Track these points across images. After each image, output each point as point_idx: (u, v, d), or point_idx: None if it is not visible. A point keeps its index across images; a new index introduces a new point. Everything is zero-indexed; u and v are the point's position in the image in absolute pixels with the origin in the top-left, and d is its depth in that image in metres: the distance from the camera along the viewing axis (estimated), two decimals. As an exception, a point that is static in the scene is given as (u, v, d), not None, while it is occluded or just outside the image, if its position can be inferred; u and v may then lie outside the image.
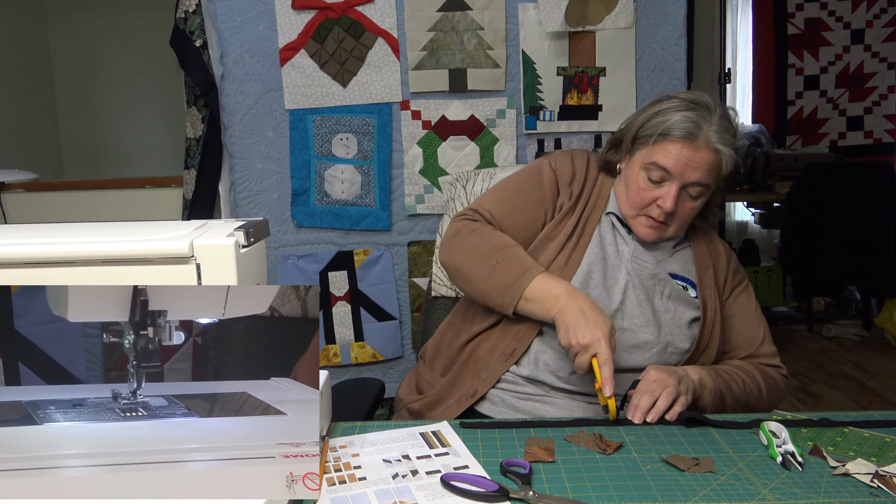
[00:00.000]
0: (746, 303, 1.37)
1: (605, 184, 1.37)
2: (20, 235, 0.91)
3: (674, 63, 1.98)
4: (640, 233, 1.29)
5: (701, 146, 1.21)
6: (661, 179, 1.24)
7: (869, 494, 0.85)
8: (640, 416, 1.08)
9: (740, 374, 1.26)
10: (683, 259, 1.35)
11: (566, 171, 1.36)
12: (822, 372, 3.39)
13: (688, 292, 1.31)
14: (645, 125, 1.27)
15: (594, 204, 1.34)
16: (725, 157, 1.23)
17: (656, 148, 1.24)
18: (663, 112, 1.25)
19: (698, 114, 1.22)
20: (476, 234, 1.26)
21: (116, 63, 4.38)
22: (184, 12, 1.96)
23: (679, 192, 1.23)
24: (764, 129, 4.27)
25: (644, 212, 1.27)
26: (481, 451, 0.98)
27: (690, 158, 1.21)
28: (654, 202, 1.25)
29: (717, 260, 1.37)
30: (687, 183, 1.23)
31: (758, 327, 1.35)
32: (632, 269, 1.28)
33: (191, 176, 2.07)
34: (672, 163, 1.22)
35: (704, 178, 1.23)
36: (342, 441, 1.01)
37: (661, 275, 1.29)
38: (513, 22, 1.96)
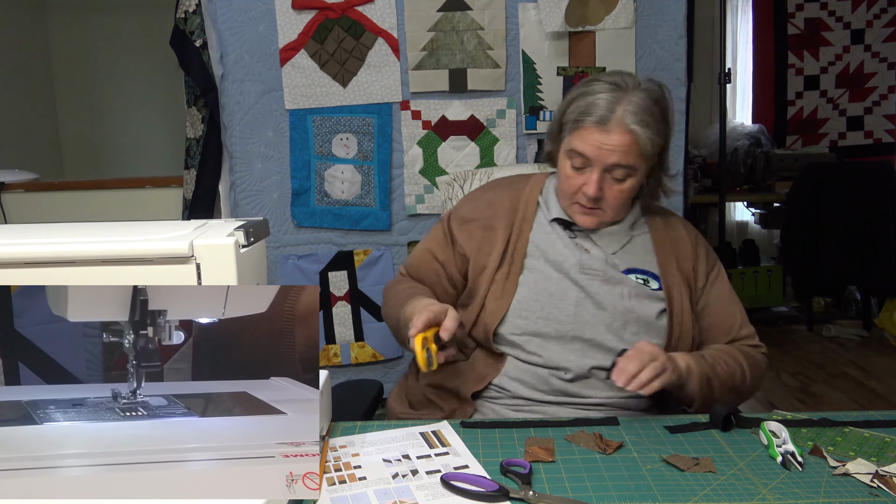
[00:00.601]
0: (721, 288, 1.34)
1: (531, 201, 1.36)
2: (20, 235, 0.91)
3: (674, 63, 1.98)
4: (578, 220, 1.28)
5: (613, 129, 1.19)
6: (582, 166, 1.23)
7: (869, 494, 0.85)
8: (625, 378, 1.06)
9: (724, 356, 1.24)
10: (642, 249, 1.32)
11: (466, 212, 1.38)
12: (822, 372, 3.39)
13: (649, 285, 1.28)
14: (566, 113, 1.26)
15: (520, 227, 1.33)
16: (641, 137, 1.20)
17: (574, 135, 1.23)
18: (580, 97, 1.24)
19: (614, 95, 1.21)
20: (386, 293, 1.40)
21: (116, 63, 4.38)
22: (184, 12, 1.96)
23: (602, 177, 1.22)
24: (764, 129, 4.27)
25: (575, 199, 1.26)
26: (481, 451, 0.98)
27: (603, 142, 1.20)
28: (580, 189, 1.24)
29: (682, 246, 1.34)
30: (607, 166, 1.21)
31: (734, 311, 1.33)
32: (581, 279, 1.26)
33: (191, 176, 2.07)
34: (588, 148, 1.21)
35: (624, 160, 1.21)
36: (342, 441, 1.01)
37: (615, 277, 1.26)
38: (513, 22, 1.96)
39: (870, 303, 3.99)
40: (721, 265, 1.38)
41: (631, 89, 1.21)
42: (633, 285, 1.26)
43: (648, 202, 1.36)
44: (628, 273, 1.28)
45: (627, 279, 1.26)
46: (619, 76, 1.25)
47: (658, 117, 1.22)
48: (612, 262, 1.28)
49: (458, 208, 1.42)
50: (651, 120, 1.21)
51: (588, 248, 1.29)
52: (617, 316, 1.23)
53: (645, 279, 1.28)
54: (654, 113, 1.22)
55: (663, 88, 1.26)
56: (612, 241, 1.31)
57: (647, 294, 1.26)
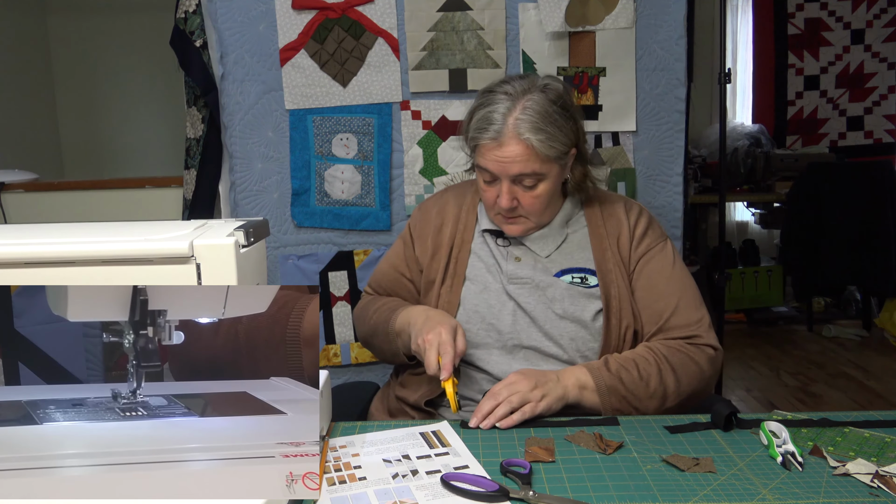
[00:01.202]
0: (656, 269, 1.26)
1: (472, 209, 1.36)
2: (20, 235, 0.91)
3: (674, 63, 1.97)
4: (505, 230, 1.28)
5: (507, 141, 1.17)
6: (492, 179, 1.23)
7: (869, 494, 0.85)
8: (475, 420, 1.06)
9: (637, 359, 1.16)
10: (577, 247, 1.30)
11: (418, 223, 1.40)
12: (822, 372, 3.39)
13: (587, 283, 1.26)
14: (468, 128, 1.25)
15: (462, 237, 1.33)
16: (535, 145, 1.16)
17: (477, 151, 1.23)
18: (479, 108, 1.22)
19: (505, 105, 1.18)
20: (360, 314, 1.41)
21: (116, 63, 4.38)
22: (184, 12, 1.96)
23: (512, 188, 1.21)
24: (764, 129, 4.27)
25: (496, 210, 1.26)
26: (481, 451, 0.98)
27: (502, 156, 1.18)
28: (496, 201, 1.23)
29: (619, 232, 1.30)
30: (513, 177, 1.20)
31: (668, 295, 1.24)
32: (511, 290, 1.25)
33: (191, 176, 2.07)
34: (491, 164, 1.20)
35: (527, 169, 1.18)
36: (342, 441, 1.01)
37: (545, 282, 1.25)
38: (513, 22, 1.96)
39: (870, 303, 3.99)
40: (668, 246, 1.30)
41: (521, 95, 1.18)
42: (564, 287, 1.24)
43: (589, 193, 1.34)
44: (563, 274, 1.26)
45: (558, 283, 1.25)
46: (515, 82, 1.22)
47: (557, 116, 1.19)
48: (542, 267, 1.27)
49: (413, 219, 1.43)
50: (546, 123, 1.17)
51: (519, 255, 1.29)
52: (550, 323, 1.23)
53: (582, 277, 1.26)
54: (551, 113, 1.18)
55: (564, 84, 1.25)
56: (546, 244, 1.29)
57: (583, 294, 1.24)
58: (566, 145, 1.21)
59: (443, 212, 1.38)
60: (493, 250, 1.31)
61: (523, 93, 1.19)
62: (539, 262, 1.28)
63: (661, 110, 1.99)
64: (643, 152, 1.99)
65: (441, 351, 1.11)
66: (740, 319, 4.23)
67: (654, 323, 1.24)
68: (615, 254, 1.28)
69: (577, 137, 1.24)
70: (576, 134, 1.24)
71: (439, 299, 1.29)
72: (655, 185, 2.00)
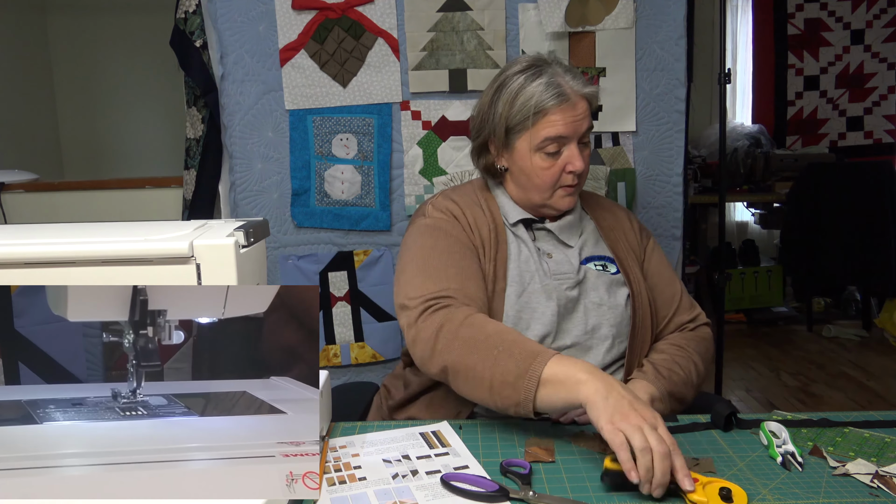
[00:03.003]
0: (659, 259, 1.37)
1: (496, 213, 1.32)
2: (20, 235, 0.91)
3: (674, 63, 1.97)
4: (561, 205, 1.28)
5: (573, 99, 1.23)
6: (557, 149, 1.24)
7: (869, 495, 0.85)
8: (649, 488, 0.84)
9: (678, 360, 1.24)
10: (592, 235, 1.34)
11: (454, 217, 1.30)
12: (822, 372, 3.39)
13: (608, 270, 1.30)
14: (511, 114, 1.26)
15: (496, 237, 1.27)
16: (592, 96, 1.26)
17: (539, 127, 1.23)
18: (520, 93, 1.24)
19: (547, 74, 1.24)
20: (466, 326, 1.07)
21: (116, 63, 4.37)
22: (184, 13, 1.96)
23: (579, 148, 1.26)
24: (764, 129, 4.27)
25: (558, 185, 1.27)
26: (481, 451, 0.98)
27: (574, 115, 1.22)
28: (563, 171, 1.25)
29: (623, 224, 1.38)
30: (580, 135, 1.25)
31: (674, 282, 1.36)
32: (554, 287, 1.24)
33: (191, 176, 2.07)
34: (563, 127, 1.22)
35: (587, 123, 1.26)
36: (342, 441, 1.01)
37: (580, 274, 1.27)
38: (513, 22, 1.96)
39: (870, 303, 3.99)
40: (654, 240, 1.41)
41: (549, 62, 1.26)
42: (595, 275, 1.27)
43: None
44: (587, 262, 1.29)
45: (590, 271, 1.28)
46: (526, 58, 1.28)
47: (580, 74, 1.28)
48: (575, 260, 1.28)
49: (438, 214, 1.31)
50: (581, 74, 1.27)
51: (550, 250, 1.29)
52: (591, 313, 1.25)
53: (604, 264, 1.30)
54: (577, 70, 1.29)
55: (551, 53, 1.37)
56: (572, 233, 1.32)
57: (612, 281, 1.28)
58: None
59: (469, 207, 1.32)
60: (526, 247, 1.28)
61: (548, 60, 1.26)
62: (570, 254, 1.30)
63: (661, 110, 1.99)
64: (643, 152, 1.99)
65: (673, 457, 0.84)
66: (740, 319, 4.23)
67: (668, 306, 1.33)
68: (625, 242, 1.33)
69: None
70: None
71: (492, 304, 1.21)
72: (655, 185, 2.00)
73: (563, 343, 1.22)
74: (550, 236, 1.31)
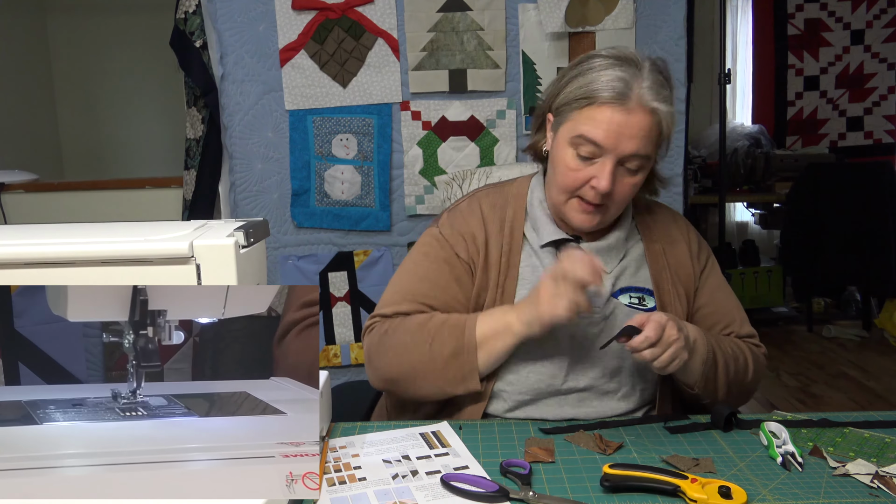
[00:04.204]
0: (715, 284, 1.20)
1: (517, 222, 1.16)
2: (20, 235, 0.91)
3: (674, 63, 1.97)
4: (575, 220, 1.10)
5: (634, 108, 1.01)
6: (591, 155, 1.04)
7: (869, 495, 0.85)
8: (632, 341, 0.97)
9: (728, 342, 1.14)
10: (635, 262, 1.16)
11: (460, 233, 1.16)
12: (822, 372, 3.39)
13: (644, 304, 1.13)
14: (565, 91, 1.07)
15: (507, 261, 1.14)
16: (664, 115, 1.03)
17: (582, 117, 1.04)
18: (585, 73, 1.05)
19: (626, 70, 1.03)
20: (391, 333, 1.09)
21: (116, 63, 4.37)
22: (184, 13, 1.96)
23: (615, 168, 1.04)
24: (764, 129, 4.27)
25: (577, 194, 1.08)
26: (481, 451, 0.98)
27: (623, 125, 1.01)
28: (587, 183, 1.05)
29: (677, 250, 1.18)
30: (623, 156, 1.03)
31: (731, 307, 1.20)
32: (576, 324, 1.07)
33: (191, 176, 2.07)
34: (602, 134, 1.02)
35: (643, 149, 1.03)
36: (342, 441, 1.01)
37: (607, 307, 1.11)
38: (513, 22, 1.96)
39: (870, 303, 3.99)
40: (713, 260, 1.23)
41: (641, 62, 1.04)
42: (625, 312, 1.12)
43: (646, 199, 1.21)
44: (622, 293, 1.13)
45: (619, 306, 1.12)
46: (624, 50, 1.07)
47: (670, 96, 1.06)
48: (606, 290, 1.12)
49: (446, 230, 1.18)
50: (669, 96, 1.05)
51: None
52: (611, 354, 1.10)
53: (640, 297, 1.14)
54: (669, 89, 1.06)
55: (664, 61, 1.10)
56: (610, 257, 1.14)
57: None
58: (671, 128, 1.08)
59: (485, 223, 1.17)
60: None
61: (642, 60, 1.04)
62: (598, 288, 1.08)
63: (661, 111, 1.98)
64: (643, 153, 1.99)
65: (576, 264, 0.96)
66: (740, 320, 4.23)
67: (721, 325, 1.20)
68: (673, 273, 1.16)
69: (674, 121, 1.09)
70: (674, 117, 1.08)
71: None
72: (655, 185, 2.00)
73: (576, 385, 1.10)
74: None
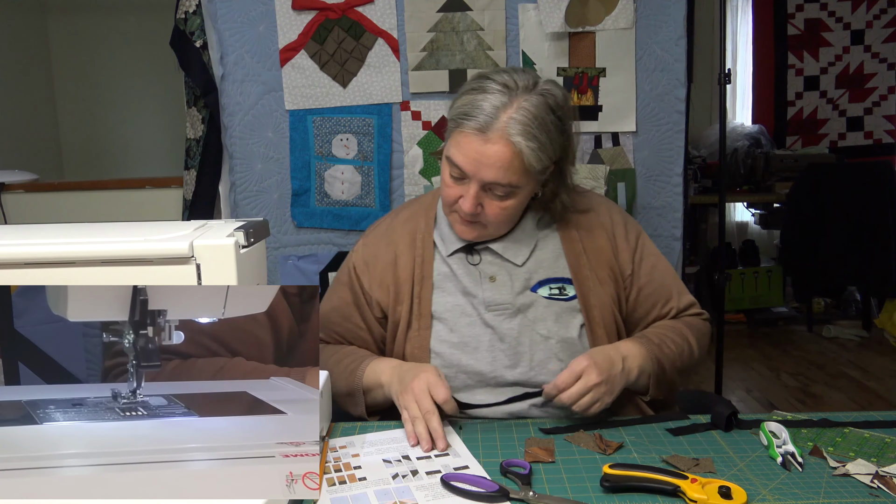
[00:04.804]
0: (649, 265, 1.23)
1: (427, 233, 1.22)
2: (20, 235, 0.91)
3: (674, 64, 1.97)
4: (457, 231, 1.16)
5: (494, 138, 1.03)
6: (460, 176, 1.08)
7: (869, 495, 0.85)
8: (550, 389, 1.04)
9: (671, 335, 1.17)
10: (552, 252, 1.19)
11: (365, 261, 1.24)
12: (822, 372, 3.39)
13: (565, 293, 1.16)
14: (454, 107, 1.10)
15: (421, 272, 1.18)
16: (525, 152, 1.03)
17: (453, 140, 1.08)
18: (470, 92, 1.07)
19: (502, 97, 1.04)
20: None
21: (116, 63, 4.37)
22: (184, 13, 1.96)
23: (480, 193, 1.08)
24: (764, 129, 4.27)
25: (454, 209, 1.12)
26: (481, 451, 0.98)
27: (482, 154, 1.04)
28: (458, 201, 1.10)
29: (596, 236, 1.20)
30: (485, 182, 1.06)
31: (669, 283, 1.23)
32: (490, 319, 1.14)
33: (191, 176, 2.07)
34: (463, 160, 1.05)
35: (504, 178, 1.05)
36: (342, 441, 1.01)
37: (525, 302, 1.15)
38: (513, 23, 1.96)
39: (870, 303, 4.00)
40: (644, 237, 1.25)
41: (521, 92, 1.05)
42: (544, 304, 1.15)
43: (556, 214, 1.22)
44: (541, 286, 1.16)
45: (538, 300, 1.15)
46: (514, 74, 1.08)
47: (552, 127, 1.07)
48: (520, 283, 1.16)
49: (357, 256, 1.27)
50: (540, 131, 1.04)
51: (493, 272, 1.17)
52: (535, 347, 1.14)
53: (560, 287, 1.17)
54: (547, 122, 1.06)
55: (564, 93, 1.11)
56: (519, 249, 1.17)
57: (565, 309, 1.16)
58: (551, 160, 1.10)
59: (394, 243, 1.23)
60: (462, 277, 1.17)
61: (524, 90, 1.05)
62: (515, 276, 1.17)
63: (661, 111, 1.99)
64: (643, 153, 1.99)
65: (426, 419, 1.00)
66: (740, 320, 4.23)
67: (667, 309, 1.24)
68: (592, 259, 1.19)
69: (563, 153, 1.12)
70: (563, 150, 1.12)
71: (407, 344, 1.17)
72: (655, 185, 2.00)
73: (506, 379, 1.13)
74: (495, 256, 1.18)
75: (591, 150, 1.99)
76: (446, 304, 1.17)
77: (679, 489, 0.84)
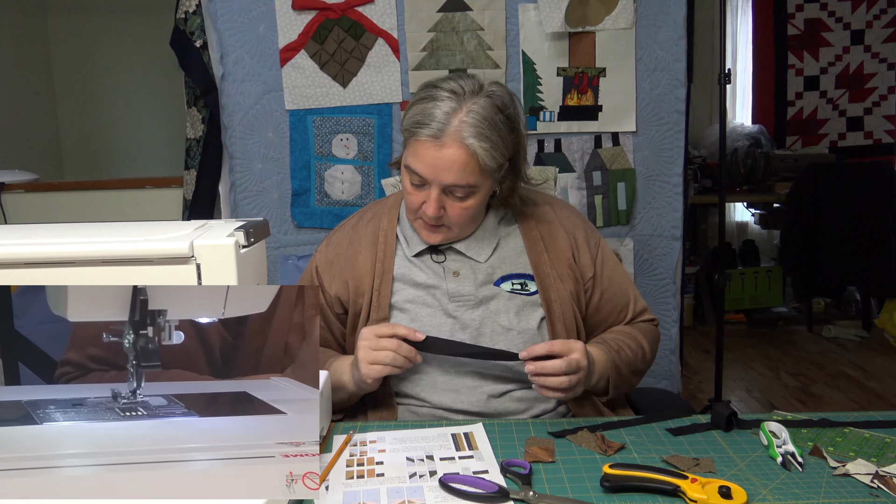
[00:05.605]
0: (609, 269, 1.28)
1: (390, 231, 1.26)
2: (20, 235, 0.91)
3: (674, 63, 1.98)
4: (422, 235, 1.20)
5: (448, 142, 1.08)
6: (420, 183, 1.13)
7: (869, 495, 0.85)
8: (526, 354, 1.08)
9: (627, 340, 1.23)
10: (513, 250, 1.24)
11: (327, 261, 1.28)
12: (822, 372, 3.39)
13: (527, 289, 1.21)
14: (407, 117, 1.14)
15: (382, 266, 1.23)
16: (479, 152, 1.08)
17: (409, 149, 1.13)
18: (420, 102, 1.12)
19: (451, 104, 1.09)
20: None
21: (116, 63, 4.37)
22: (184, 13, 1.96)
23: (441, 196, 1.13)
24: (764, 129, 4.27)
25: (418, 215, 1.17)
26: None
27: (439, 159, 1.09)
28: (422, 206, 1.15)
29: (557, 236, 1.25)
30: (445, 185, 1.11)
31: (626, 287, 1.30)
32: (452, 309, 1.18)
33: (191, 176, 2.07)
34: (421, 166, 1.11)
35: (462, 179, 1.10)
36: (373, 436, 1.02)
37: (487, 294, 1.19)
38: (513, 22, 1.96)
39: (870, 303, 4.00)
40: (603, 243, 1.31)
41: (469, 96, 1.10)
42: (506, 297, 1.19)
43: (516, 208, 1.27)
44: (503, 281, 1.21)
45: (501, 293, 1.20)
46: (460, 80, 1.13)
47: (502, 126, 1.12)
48: (483, 277, 1.20)
49: (320, 256, 1.31)
50: (491, 131, 1.10)
51: (457, 268, 1.21)
52: (496, 337, 1.17)
53: (522, 283, 1.21)
54: (497, 122, 1.11)
55: (510, 93, 1.16)
56: (482, 247, 1.23)
57: (526, 303, 1.20)
58: (504, 157, 1.14)
59: (356, 241, 1.27)
60: (425, 271, 1.22)
61: (471, 94, 1.11)
62: (479, 271, 1.21)
63: (661, 111, 1.99)
64: (643, 153, 1.99)
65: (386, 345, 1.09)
66: (740, 320, 4.23)
67: (624, 314, 1.30)
68: (553, 256, 1.23)
69: (515, 150, 1.17)
70: (515, 147, 1.16)
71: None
72: (655, 185, 2.00)
73: (466, 369, 1.16)
74: (459, 254, 1.23)
75: (591, 150, 2.00)
76: (408, 295, 1.21)
77: (679, 489, 0.84)
